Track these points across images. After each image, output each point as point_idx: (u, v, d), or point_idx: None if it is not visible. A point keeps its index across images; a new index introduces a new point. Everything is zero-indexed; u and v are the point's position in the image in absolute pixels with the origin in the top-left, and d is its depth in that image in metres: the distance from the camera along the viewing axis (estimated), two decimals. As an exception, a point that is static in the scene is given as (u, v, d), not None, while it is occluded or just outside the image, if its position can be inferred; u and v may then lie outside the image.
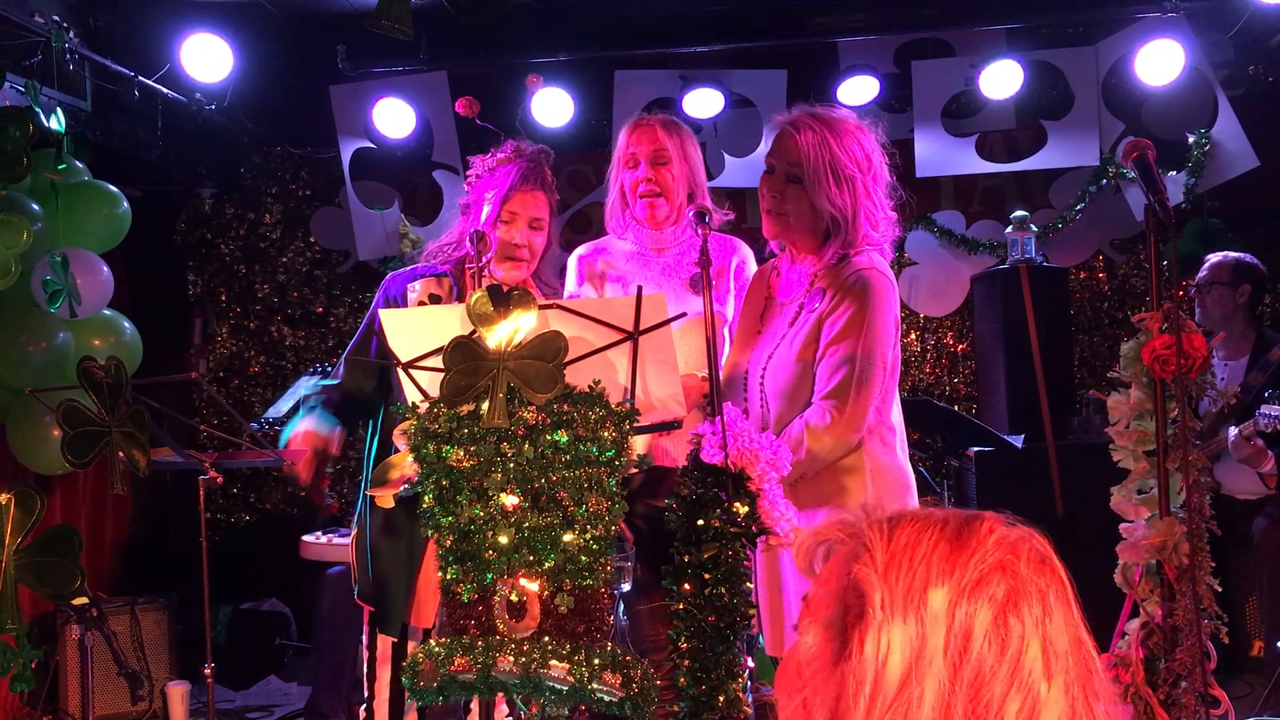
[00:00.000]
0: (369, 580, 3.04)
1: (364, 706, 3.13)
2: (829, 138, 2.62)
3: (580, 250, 3.22)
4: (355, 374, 3.06)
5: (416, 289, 3.02)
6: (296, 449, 2.94)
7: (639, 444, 2.81)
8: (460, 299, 2.95)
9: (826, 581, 1.04)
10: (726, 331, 2.99)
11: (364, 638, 3.12)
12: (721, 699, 2.28)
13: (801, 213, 2.65)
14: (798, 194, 2.64)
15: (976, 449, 4.92)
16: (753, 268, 3.12)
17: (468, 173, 3.14)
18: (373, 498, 2.68)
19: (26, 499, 2.98)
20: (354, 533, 3.17)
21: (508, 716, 2.59)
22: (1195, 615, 2.51)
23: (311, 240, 6.30)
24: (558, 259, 3.21)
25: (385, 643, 3.07)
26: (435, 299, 2.94)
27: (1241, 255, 4.69)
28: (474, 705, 2.78)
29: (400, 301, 3.03)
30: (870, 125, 2.71)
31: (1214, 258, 4.70)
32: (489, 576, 2.22)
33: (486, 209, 2.99)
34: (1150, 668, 2.57)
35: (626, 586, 2.66)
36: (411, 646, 3.01)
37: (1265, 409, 4.08)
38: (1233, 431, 4.23)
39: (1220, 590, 2.58)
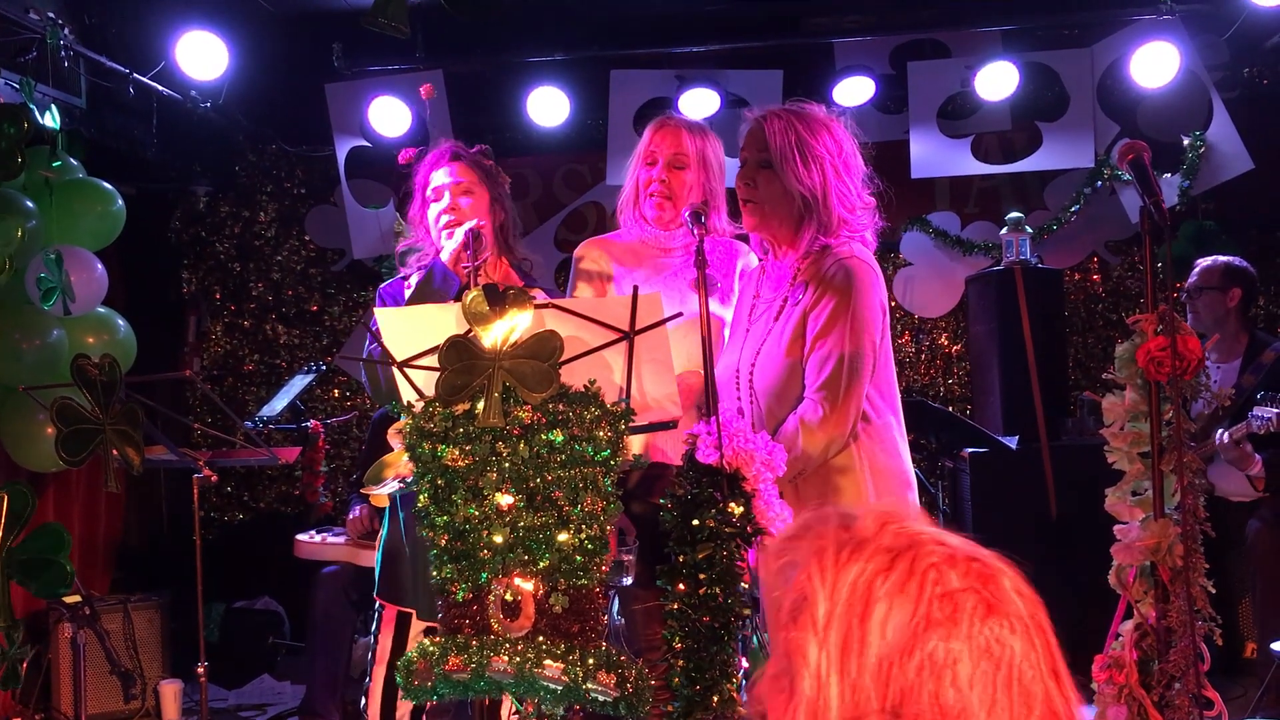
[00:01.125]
0: (404, 576, 3.03)
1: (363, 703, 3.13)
2: (795, 123, 2.65)
3: (585, 244, 3.21)
4: None
5: (414, 283, 3.02)
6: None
7: (635, 444, 2.81)
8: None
9: (775, 629, 1.01)
10: (726, 334, 2.99)
11: (374, 631, 3.11)
12: (715, 699, 2.27)
13: (774, 197, 2.66)
14: (769, 179, 2.66)
15: (971, 450, 4.93)
16: (755, 271, 3.12)
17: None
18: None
19: (18, 497, 2.98)
20: (381, 535, 3.14)
21: (514, 714, 2.58)
22: (1189, 617, 2.51)
23: (306, 238, 6.30)
24: (521, 233, 3.27)
25: (385, 640, 3.07)
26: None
27: (1230, 259, 4.69)
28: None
29: (400, 299, 3.04)
30: (839, 115, 2.73)
31: (1203, 263, 4.70)
32: (484, 576, 2.21)
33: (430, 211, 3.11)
34: (1144, 669, 2.58)
35: (628, 580, 2.66)
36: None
37: (1258, 410, 4.09)
38: (1222, 435, 4.25)
39: (1214, 592, 2.58)
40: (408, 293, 3.03)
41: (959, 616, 0.93)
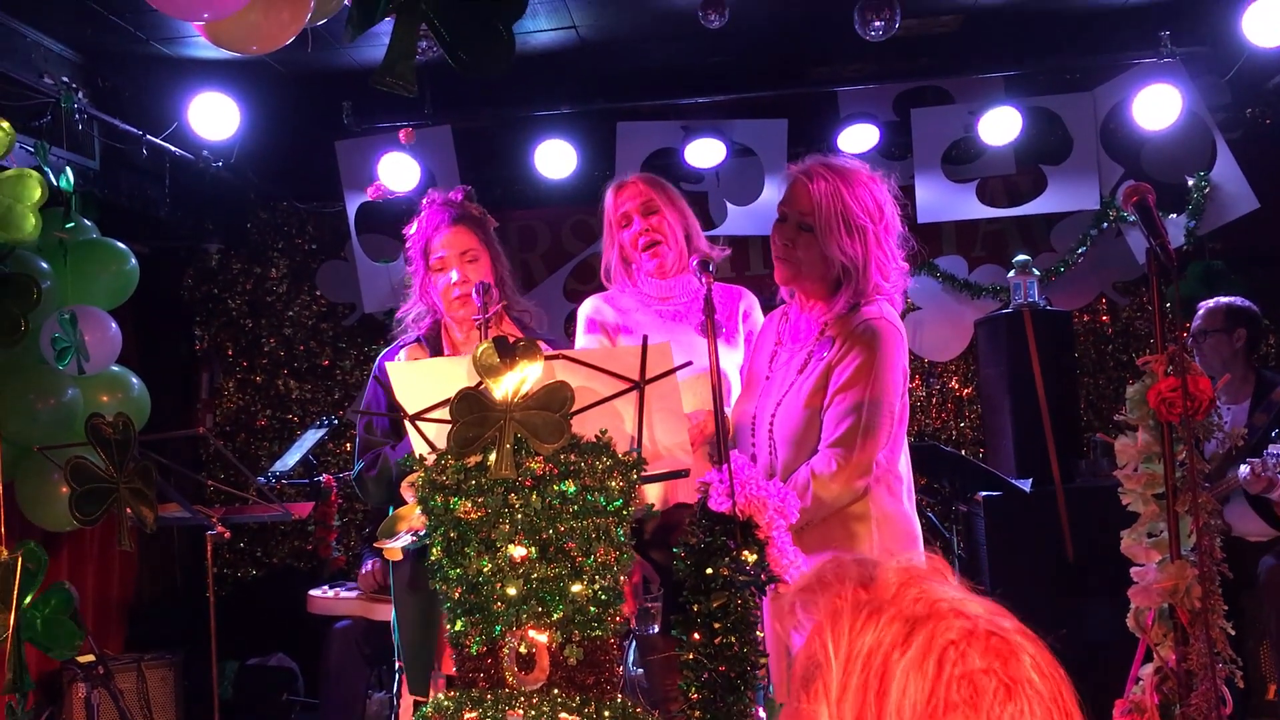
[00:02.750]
0: (399, 640, 3.03)
1: None
2: (841, 187, 2.63)
3: (588, 302, 3.25)
4: None
5: (403, 357, 3.03)
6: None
7: (651, 493, 2.81)
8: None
9: (785, 684, 1.01)
10: (733, 377, 3.00)
11: (395, 689, 3.09)
12: (733, 750, 2.25)
13: (813, 261, 2.67)
14: (809, 242, 2.66)
15: (985, 493, 4.90)
16: (758, 314, 3.14)
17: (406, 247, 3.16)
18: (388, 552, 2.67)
19: (31, 558, 2.98)
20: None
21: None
22: (1209, 659, 2.49)
23: (318, 293, 6.34)
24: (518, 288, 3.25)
25: (407, 702, 3.04)
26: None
27: (1233, 300, 4.67)
28: None
29: None
30: (883, 176, 2.73)
31: (1206, 305, 4.68)
32: (498, 629, 2.21)
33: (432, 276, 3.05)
34: (1165, 713, 2.55)
35: (656, 629, 2.64)
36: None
37: (1274, 448, 4.06)
38: (1244, 470, 4.20)
39: (1234, 633, 2.56)
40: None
41: (979, 701, 0.90)
